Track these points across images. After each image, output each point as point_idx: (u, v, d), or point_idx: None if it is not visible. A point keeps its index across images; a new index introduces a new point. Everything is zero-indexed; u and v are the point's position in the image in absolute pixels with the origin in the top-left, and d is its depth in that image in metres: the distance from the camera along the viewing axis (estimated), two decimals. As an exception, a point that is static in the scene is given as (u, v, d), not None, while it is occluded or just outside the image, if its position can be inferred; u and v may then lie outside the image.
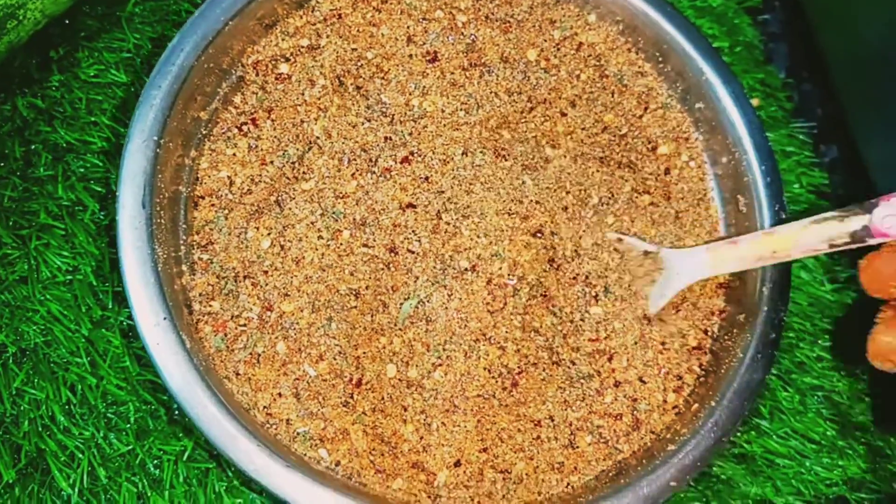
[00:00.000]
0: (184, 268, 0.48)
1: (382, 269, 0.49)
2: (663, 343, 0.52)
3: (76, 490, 0.47)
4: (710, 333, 0.53)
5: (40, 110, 0.53)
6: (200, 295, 0.48)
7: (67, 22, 0.54)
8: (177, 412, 0.48)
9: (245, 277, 0.48)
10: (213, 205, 0.49)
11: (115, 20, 0.55)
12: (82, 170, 0.52)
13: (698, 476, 0.53)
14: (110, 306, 0.50)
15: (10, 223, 0.50)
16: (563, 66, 0.55)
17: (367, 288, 0.49)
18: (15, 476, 0.46)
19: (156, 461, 0.48)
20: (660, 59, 0.56)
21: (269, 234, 0.49)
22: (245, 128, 0.51)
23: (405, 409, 0.48)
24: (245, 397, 0.46)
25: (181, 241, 0.48)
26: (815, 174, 0.65)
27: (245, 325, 0.47)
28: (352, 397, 0.47)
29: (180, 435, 0.48)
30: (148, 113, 0.47)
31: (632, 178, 0.54)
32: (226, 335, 0.47)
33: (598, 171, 0.53)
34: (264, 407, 0.46)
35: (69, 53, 0.54)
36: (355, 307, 0.48)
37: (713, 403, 0.49)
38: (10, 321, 0.49)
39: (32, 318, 0.49)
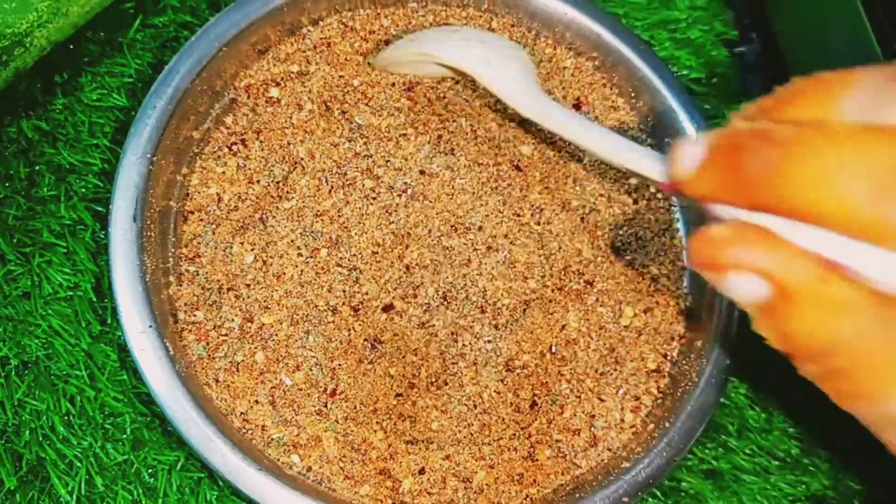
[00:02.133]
0: (171, 278, 0.50)
1: (356, 287, 0.52)
2: (623, 363, 0.54)
3: (74, 497, 0.49)
4: (669, 357, 0.55)
5: (44, 132, 0.54)
6: (186, 305, 0.50)
7: (72, 47, 0.55)
8: (170, 424, 0.50)
9: (229, 290, 0.51)
10: (201, 220, 0.52)
11: (117, 46, 0.57)
12: (83, 190, 0.54)
13: (667, 490, 0.55)
14: (109, 321, 0.52)
15: (15, 241, 0.52)
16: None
17: (343, 304, 0.51)
18: (16, 483, 0.48)
19: (150, 470, 0.50)
20: (632, 94, 0.58)
21: (252, 249, 0.51)
22: (235, 147, 0.53)
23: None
24: (223, 403, 0.49)
25: (170, 253, 0.51)
26: (784, 205, 0.67)
27: (227, 334, 0.50)
28: (325, 406, 0.50)
29: (174, 446, 0.51)
30: (143, 131, 0.50)
31: (602, 206, 0.57)
32: (208, 344, 0.50)
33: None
34: (241, 413, 0.49)
35: (73, 78, 0.56)
36: (332, 322, 0.51)
37: (668, 425, 0.51)
38: (13, 335, 0.51)
39: (34, 332, 0.51)
